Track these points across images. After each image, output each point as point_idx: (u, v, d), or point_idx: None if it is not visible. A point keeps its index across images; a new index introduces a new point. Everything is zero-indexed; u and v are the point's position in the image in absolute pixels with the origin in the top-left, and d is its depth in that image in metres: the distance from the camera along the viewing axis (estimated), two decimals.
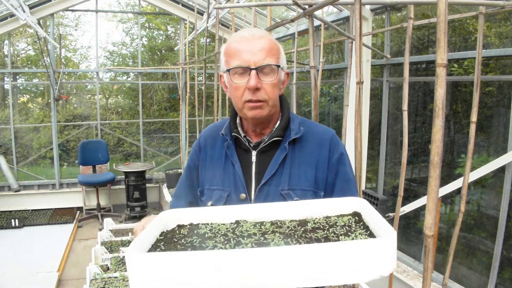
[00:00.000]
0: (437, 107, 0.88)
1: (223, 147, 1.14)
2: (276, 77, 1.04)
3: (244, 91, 1.03)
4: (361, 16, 1.37)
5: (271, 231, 0.83)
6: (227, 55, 1.06)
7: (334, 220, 0.87)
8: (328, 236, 0.79)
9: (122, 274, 2.93)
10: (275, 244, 0.75)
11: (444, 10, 0.85)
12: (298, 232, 0.81)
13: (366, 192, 3.26)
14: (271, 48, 1.03)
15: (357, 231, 0.79)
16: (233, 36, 1.07)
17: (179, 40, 6.25)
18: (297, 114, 1.23)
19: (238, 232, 0.84)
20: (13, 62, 6.08)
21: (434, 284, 2.64)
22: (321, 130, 1.14)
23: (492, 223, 2.49)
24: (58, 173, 5.80)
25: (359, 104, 1.43)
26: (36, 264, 3.93)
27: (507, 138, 2.33)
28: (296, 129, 1.11)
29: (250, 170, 1.10)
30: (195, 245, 0.79)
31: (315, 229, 0.83)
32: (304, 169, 1.08)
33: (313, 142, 1.11)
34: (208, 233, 0.85)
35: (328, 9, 3.95)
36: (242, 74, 1.02)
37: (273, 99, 1.05)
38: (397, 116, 3.37)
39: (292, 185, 1.07)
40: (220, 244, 0.78)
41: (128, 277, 0.69)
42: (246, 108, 1.04)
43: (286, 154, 1.09)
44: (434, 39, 3.04)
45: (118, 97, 7.17)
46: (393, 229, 0.69)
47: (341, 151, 1.11)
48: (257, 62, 1.00)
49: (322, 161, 1.09)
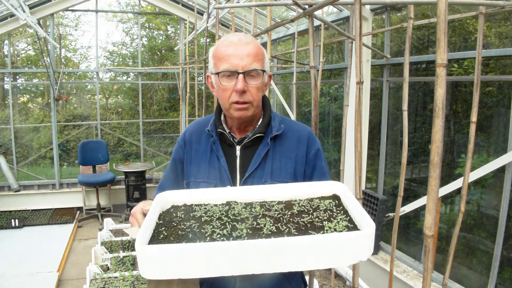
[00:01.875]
0: (437, 107, 0.88)
1: (209, 142, 1.22)
2: (261, 81, 1.12)
3: (232, 93, 1.10)
4: (361, 16, 1.37)
5: (262, 214, 0.91)
6: (215, 58, 1.13)
7: (317, 203, 0.96)
8: (313, 221, 0.87)
9: (122, 274, 2.92)
10: (267, 229, 0.84)
11: (444, 10, 0.85)
12: (286, 216, 0.90)
13: (366, 192, 3.26)
14: (257, 54, 1.10)
15: (338, 217, 0.88)
16: (222, 41, 1.14)
17: (179, 40, 6.25)
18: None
19: (231, 216, 0.91)
20: (13, 62, 6.08)
21: (434, 284, 2.64)
22: (299, 128, 1.24)
23: (492, 223, 2.49)
24: (58, 173, 5.80)
25: (359, 104, 1.43)
26: (36, 264, 3.93)
27: (507, 138, 2.33)
28: (277, 126, 1.20)
29: (234, 164, 1.18)
30: (195, 230, 0.86)
31: (300, 213, 0.92)
32: (285, 163, 1.17)
33: (292, 138, 1.21)
34: (204, 216, 0.92)
35: (328, 9, 3.95)
36: (230, 77, 1.10)
37: (257, 100, 1.14)
38: (397, 116, 3.37)
39: (274, 177, 1.16)
40: (217, 229, 0.85)
41: (138, 268, 0.77)
42: (232, 108, 1.12)
43: (268, 149, 1.17)
44: (434, 39, 3.04)
45: (118, 97, 7.17)
46: (371, 220, 0.79)
47: (317, 147, 1.22)
48: (245, 67, 1.08)
49: (300, 156, 1.19)
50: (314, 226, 0.85)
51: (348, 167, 3.21)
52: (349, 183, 3.25)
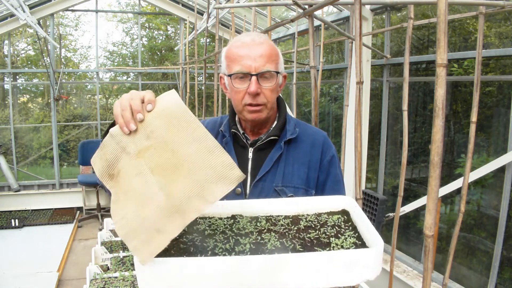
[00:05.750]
0: (437, 107, 0.88)
1: (221, 143, 1.18)
2: (275, 82, 1.08)
3: (245, 95, 1.07)
4: (361, 16, 1.37)
5: (267, 229, 0.87)
6: (228, 59, 1.10)
7: (325, 219, 0.92)
8: (320, 238, 0.83)
9: (122, 274, 2.93)
10: (272, 245, 0.80)
11: (444, 10, 0.85)
12: (292, 232, 0.86)
13: (366, 192, 3.26)
14: (271, 54, 1.07)
15: (346, 233, 0.84)
16: (234, 41, 1.11)
17: (179, 40, 6.25)
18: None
19: (236, 230, 0.87)
20: (13, 62, 6.08)
21: (434, 284, 2.64)
22: (314, 132, 1.21)
23: (492, 223, 2.49)
24: (58, 173, 5.80)
25: (359, 104, 1.43)
26: (36, 264, 3.93)
27: (507, 138, 2.33)
28: (292, 130, 1.16)
29: (246, 166, 1.15)
30: (197, 244, 0.82)
31: (307, 228, 0.87)
32: (298, 168, 1.13)
33: (307, 142, 1.17)
34: (208, 229, 0.88)
35: (328, 9, 3.95)
36: (242, 78, 1.07)
37: (271, 102, 1.10)
38: (397, 116, 3.37)
39: (285, 182, 1.12)
40: (220, 243, 0.80)
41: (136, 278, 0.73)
42: (246, 111, 1.09)
43: (281, 153, 1.14)
44: (434, 39, 3.04)
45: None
46: (380, 238, 0.75)
47: (332, 153, 1.18)
48: (258, 68, 1.04)
49: (314, 161, 1.15)
50: (321, 243, 0.81)
51: (348, 167, 3.21)
52: (349, 183, 3.25)
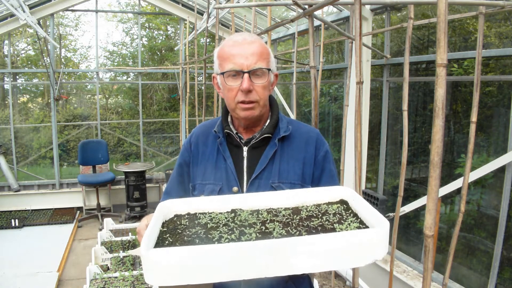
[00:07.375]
0: (437, 107, 0.88)
1: (215, 144, 1.21)
2: (267, 80, 1.11)
3: (237, 92, 1.10)
4: (361, 16, 1.37)
5: (269, 220, 0.88)
6: (221, 58, 1.12)
7: (325, 208, 0.94)
8: (324, 224, 0.84)
9: (122, 274, 2.93)
10: (277, 233, 0.80)
11: (444, 10, 0.85)
12: (295, 221, 0.87)
13: (366, 192, 3.26)
14: (262, 52, 1.10)
15: (349, 219, 0.86)
16: (226, 41, 1.14)
17: (179, 40, 6.25)
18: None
19: (238, 222, 0.88)
20: (13, 62, 6.08)
21: (434, 284, 2.64)
22: (308, 130, 1.24)
23: (492, 223, 2.49)
24: (58, 173, 5.80)
25: (359, 104, 1.43)
26: (36, 264, 3.93)
27: (507, 138, 2.33)
28: (285, 128, 1.19)
29: (241, 165, 1.17)
30: (202, 236, 0.82)
31: (309, 217, 0.89)
32: (293, 164, 1.16)
33: (300, 139, 1.20)
34: (210, 223, 0.88)
35: (328, 9, 3.95)
36: (235, 76, 1.09)
37: (263, 99, 1.13)
38: (397, 116, 3.37)
39: (282, 178, 1.14)
40: (225, 234, 0.81)
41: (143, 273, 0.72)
42: (239, 108, 1.12)
43: (276, 150, 1.16)
44: (434, 39, 3.04)
45: (118, 97, 7.17)
46: (385, 219, 0.76)
47: (326, 149, 1.21)
48: (250, 66, 1.07)
49: (309, 157, 1.18)
50: (325, 229, 0.82)
51: (348, 167, 3.21)
52: (349, 183, 3.26)
